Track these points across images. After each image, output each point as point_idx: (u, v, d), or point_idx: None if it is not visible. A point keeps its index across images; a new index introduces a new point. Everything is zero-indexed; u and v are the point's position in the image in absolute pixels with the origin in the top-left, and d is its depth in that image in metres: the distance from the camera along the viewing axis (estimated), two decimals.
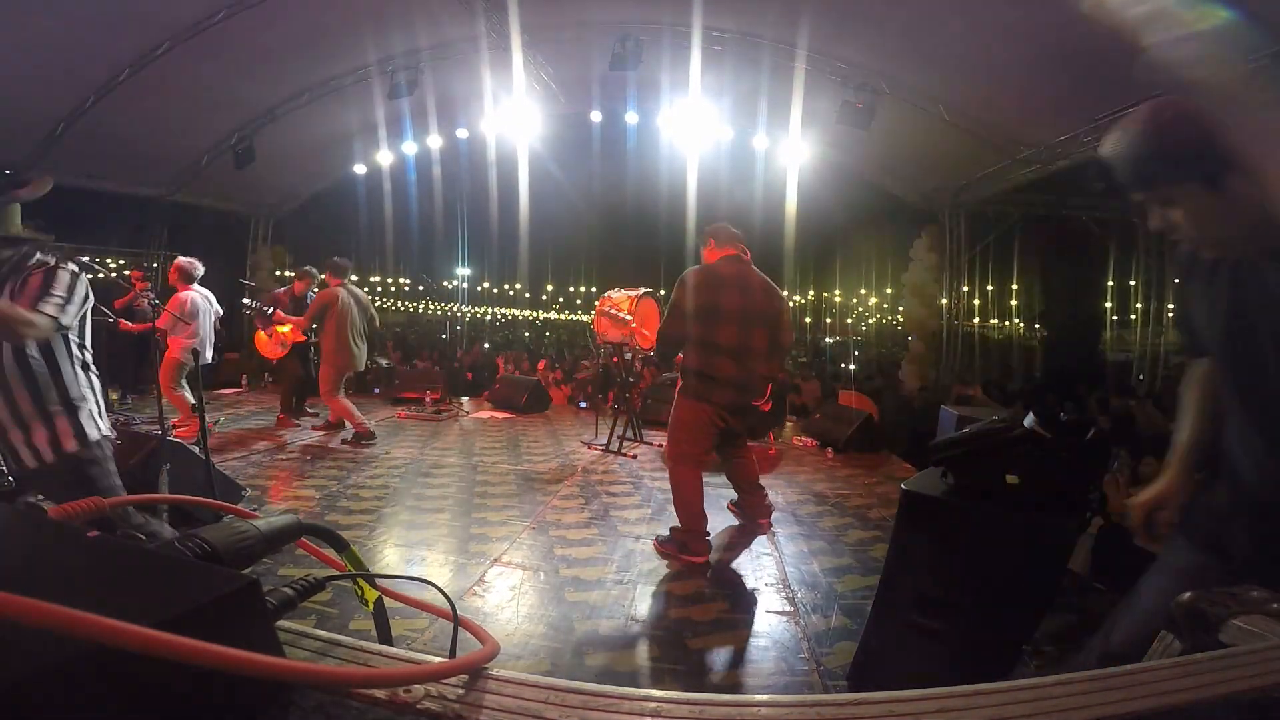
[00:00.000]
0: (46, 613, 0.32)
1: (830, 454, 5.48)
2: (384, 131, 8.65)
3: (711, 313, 3.04)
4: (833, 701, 0.47)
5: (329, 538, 0.72)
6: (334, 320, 5.25)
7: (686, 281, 3.09)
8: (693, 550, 3.04)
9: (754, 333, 3.11)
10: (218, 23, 6.05)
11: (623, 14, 6.77)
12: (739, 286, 3.10)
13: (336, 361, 5.28)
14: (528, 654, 2.22)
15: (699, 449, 3.16)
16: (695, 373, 3.12)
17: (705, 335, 3.06)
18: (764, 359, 3.17)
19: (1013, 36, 5.53)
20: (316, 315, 5.29)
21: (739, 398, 3.13)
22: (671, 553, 3.07)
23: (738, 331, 3.07)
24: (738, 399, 3.13)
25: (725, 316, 3.05)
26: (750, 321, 3.10)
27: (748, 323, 3.09)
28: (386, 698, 0.44)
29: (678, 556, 3.04)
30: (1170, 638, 0.66)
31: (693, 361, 3.13)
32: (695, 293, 3.06)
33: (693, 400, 3.14)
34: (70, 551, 0.49)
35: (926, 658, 1.79)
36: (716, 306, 3.04)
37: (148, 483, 2.98)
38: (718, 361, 3.06)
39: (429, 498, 3.93)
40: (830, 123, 6.93)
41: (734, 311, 3.06)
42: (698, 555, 3.03)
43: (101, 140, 7.30)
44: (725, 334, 3.05)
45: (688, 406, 3.15)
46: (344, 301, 5.31)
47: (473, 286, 25.16)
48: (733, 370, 3.07)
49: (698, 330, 3.07)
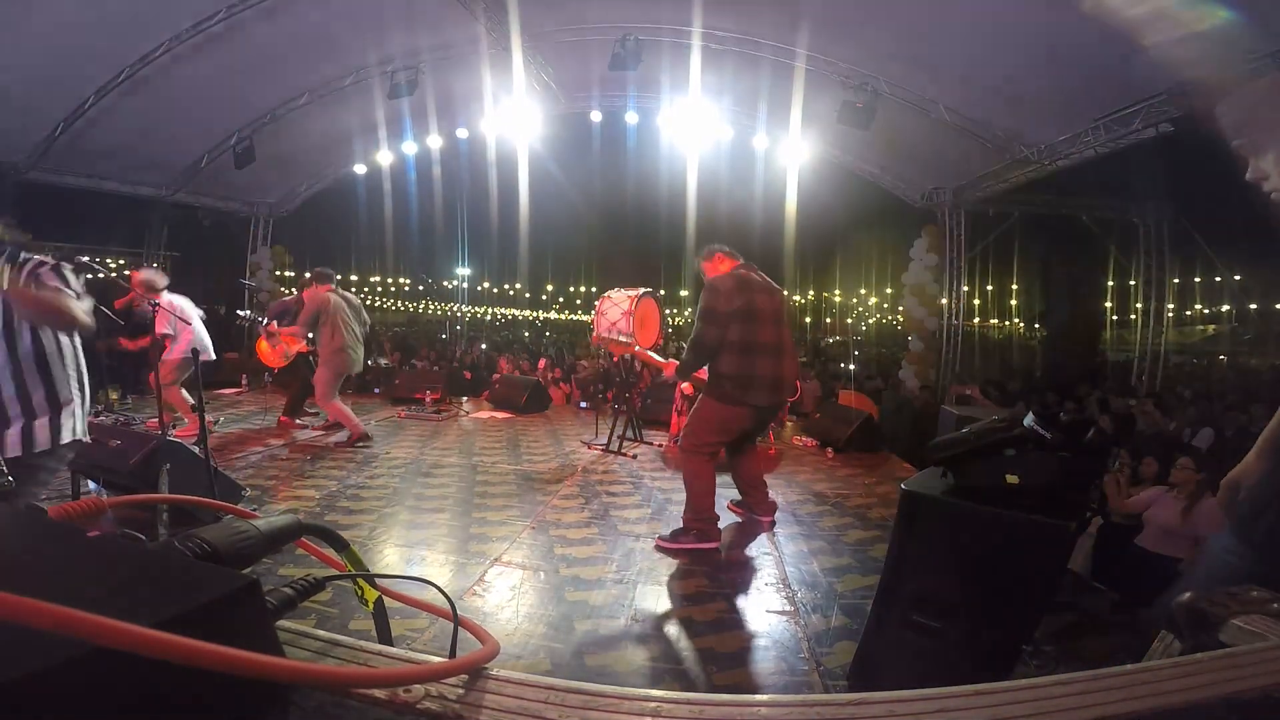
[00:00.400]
0: (46, 613, 0.32)
1: (830, 454, 5.48)
2: (384, 131, 8.65)
3: (749, 314, 3.11)
4: (833, 701, 0.47)
5: (329, 538, 0.72)
6: (329, 323, 5.25)
7: (719, 288, 3.13)
8: (710, 536, 3.14)
9: (784, 331, 3.27)
10: (218, 23, 6.06)
11: (623, 14, 6.77)
12: (769, 290, 3.24)
13: (334, 364, 5.27)
14: (528, 654, 2.22)
15: (716, 440, 3.26)
16: (733, 377, 3.14)
17: (745, 336, 3.11)
18: (791, 356, 3.30)
19: (1012, 36, 5.53)
20: (311, 320, 5.29)
21: (775, 396, 3.23)
22: (686, 545, 3.11)
23: (773, 330, 3.17)
24: (774, 398, 3.23)
25: (762, 317, 3.14)
26: (780, 321, 3.25)
27: (779, 322, 3.23)
28: (386, 698, 0.44)
29: (695, 546, 3.11)
30: (1170, 638, 0.66)
31: (731, 366, 3.14)
32: (730, 297, 3.10)
33: (726, 404, 3.17)
34: (70, 551, 0.49)
35: (926, 658, 1.79)
36: (753, 308, 3.12)
37: (148, 482, 2.98)
38: (759, 362, 3.12)
39: (429, 498, 3.93)
40: (830, 123, 6.93)
41: (768, 311, 3.16)
42: (714, 540, 3.15)
43: (101, 140, 7.31)
44: (764, 334, 3.14)
45: (719, 409, 3.20)
46: (336, 304, 5.31)
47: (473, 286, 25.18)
48: (771, 369, 3.14)
49: (738, 333, 3.11)
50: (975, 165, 7.87)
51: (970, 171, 8.13)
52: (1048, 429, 1.78)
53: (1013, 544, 1.73)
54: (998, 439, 1.80)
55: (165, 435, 3.23)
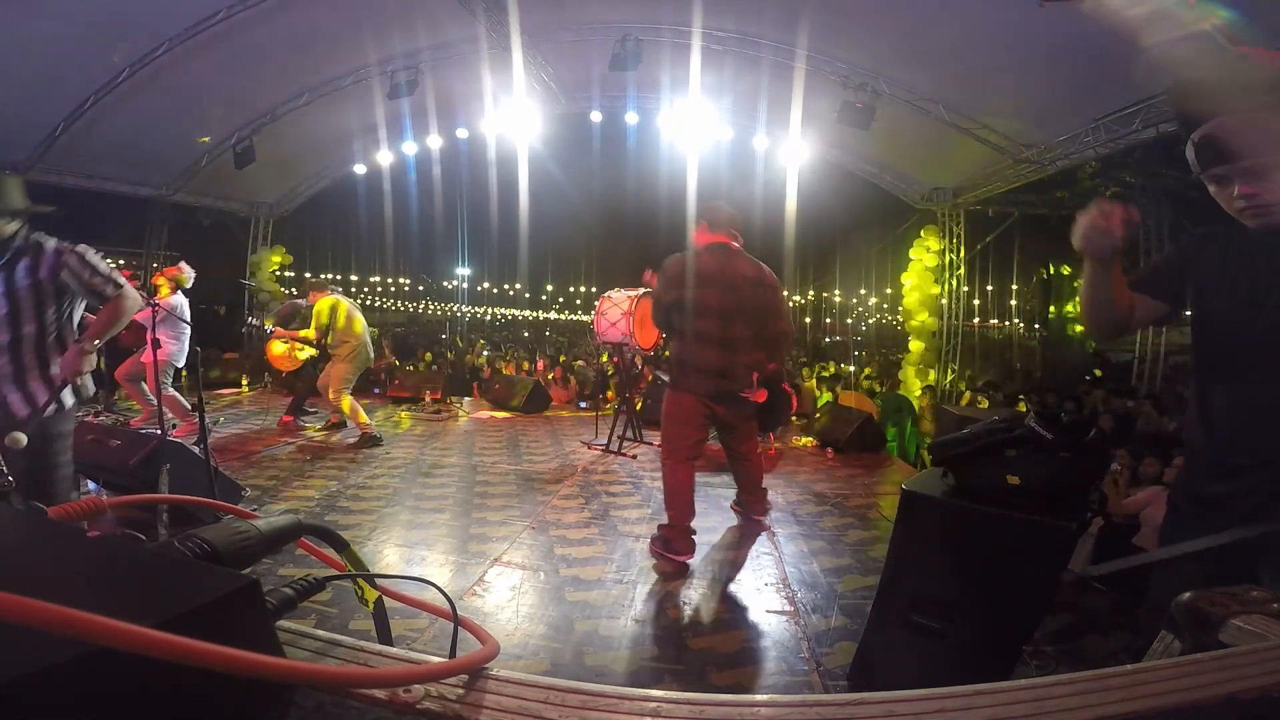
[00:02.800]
0: (46, 613, 0.32)
1: (830, 454, 5.48)
2: (384, 131, 8.65)
3: (689, 306, 3.00)
4: (833, 701, 0.47)
5: (329, 538, 0.72)
6: (345, 322, 5.38)
7: (665, 273, 3.07)
8: (675, 548, 3.01)
9: (735, 324, 3.04)
10: (218, 23, 6.05)
11: (623, 14, 6.77)
12: (719, 281, 3.02)
13: (351, 359, 5.37)
14: (528, 654, 2.22)
15: (689, 443, 3.13)
16: (678, 361, 3.12)
17: (684, 325, 3.04)
18: (750, 348, 3.08)
19: (1012, 36, 5.53)
20: (326, 324, 5.36)
21: (721, 385, 3.06)
22: (658, 551, 3.06)
23: (718, 323, 3.01)
24: (720, 386, 3.06)
25: (703, 310, 3.00)
26: (731, 314, 3.03)
27: (728, 315, 3.02)
28: (386, 698, 0.44)
29: (662, 554, 3.03)
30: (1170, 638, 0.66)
31: (676, 350, 3.13)
32: (671, 287, 3.04)
33: (678, 391, 3.13)
34: (70, 551, 0.49)
35: (926, 658, 1.79)
36: (695, 300, 2.99)
37: (148, 482, 2.98)
38: (698, 350, 3.03)
39: (429, 498, 3.93)
40: (830, 123, 6.93)
41: (713, 306, 3.00)
42: (680, 554, 3.00)
43: (101, 140, 7.31)
44: (705, 325, 3.01)
45: (674, 398, 3.14)
46: (345, 304, 5.44)
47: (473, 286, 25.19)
48: (716, 358, 3.02)
49: (678, 320, 3.06)
50: (975, 165, 7.88)
51: (970, 171, 8.13)
52: (1048, 429, 1.78)
53: (1013, 544, 1.73)
54: (998, 439, 1.80)
55: (165, 435, 3.23)
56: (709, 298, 3.00)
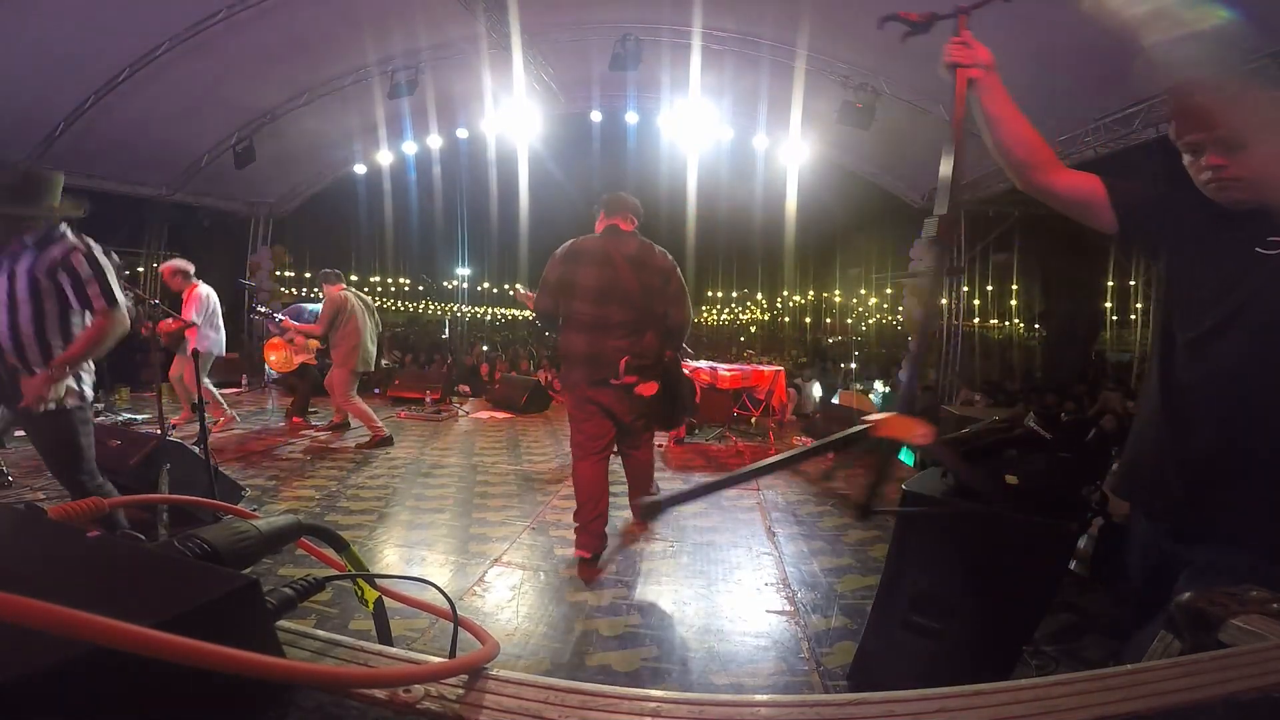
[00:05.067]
0: (46, 613, 0.32)
1: (830, 454, 5.47)
2: (384, 131, 8.65)
3: (569, 288, 2.94)
4: (833, 701, 0.47)
5: (329, 538, 0.72)
6: (346, 323, 5.31)
7: (555, 253, 3.03)
8: (579, 543, 2.99)
9: (610, 305, 2.91)
10: (217, 23, 6.05)
11: (623, 14, 6.77)
12: (600, 261, 2.93)
13: (351, 363, 5.30)
14: (528, 654, 2.22)
15: (582, 438, 3.02)
16: (562, 355, 3.08)
17: (564, 310, 2.98)
18: (623, 334, 2.92)
19: (1012, 36, 5.53)
20: (330, 320, 5.32)
21: (591, 373, 2.94)
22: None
23: (592, 305, 2.92)
24: (590, 374, 2.95)
25: (580, 292, 2.92)
26: (605, 294, 2.91)
27: (603, 295, 2.91)
28: (386, 698, 0.44)
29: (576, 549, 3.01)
30: (1170, 638, 0.66)
31: (559, 342, 3.08)
32: (552, 267, 2.99)
33: (565, 386, 3.08)
34: (70, 551, 0.49)
35: (926, 658, 1.79)
36: (573, 282, 2.93)
37: (148, 482, 2.98)
38: (571, 337, 2.97)
39: (429, 498, 3.93)
40: (830, 123, 6.92)
41: (589, 287, 2.92)
42: (582, 549, 2.97)
43: (101, 140, 7.30)
44: (578, 307, 2.94)
45: (566, 395, 3.10)
46: (353, 304, 5.38)
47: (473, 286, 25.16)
48: (583, 346, 2.94)
49: (562, 305, 2.98)
50: (975, 165, 7.86)
51: (970, 171, 8.12)
52: (1048, 429, 1.78)
53: (1013, 544, 1.73)
54: (998, 439, 1.80)
55: (165, 435, 3.23)
56: (585, 276, 2.92)
